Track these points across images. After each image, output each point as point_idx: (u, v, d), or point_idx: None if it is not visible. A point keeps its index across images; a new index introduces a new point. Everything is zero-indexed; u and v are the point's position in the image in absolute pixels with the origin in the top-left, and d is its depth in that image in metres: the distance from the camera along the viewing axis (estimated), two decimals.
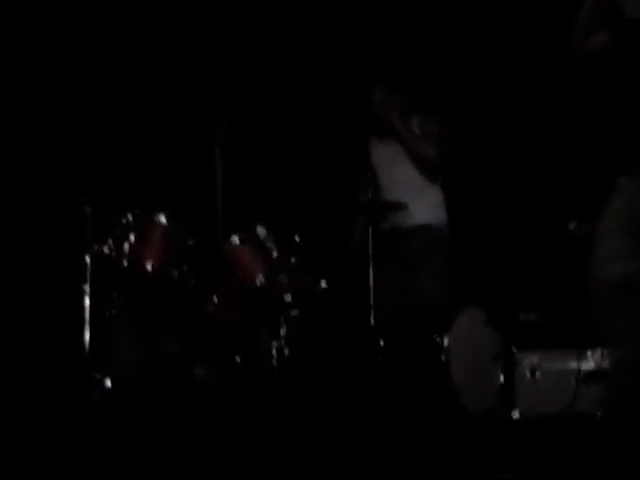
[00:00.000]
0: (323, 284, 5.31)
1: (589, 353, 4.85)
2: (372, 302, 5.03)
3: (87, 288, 5.06)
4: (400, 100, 5.38)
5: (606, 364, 4.74)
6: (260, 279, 5.14)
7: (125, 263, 5.05)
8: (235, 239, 5.28)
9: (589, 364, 4.84)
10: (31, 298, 5.79)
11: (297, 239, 5.33)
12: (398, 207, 5.28)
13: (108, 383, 4.87)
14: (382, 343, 5.04)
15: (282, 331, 5.13)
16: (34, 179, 5.85)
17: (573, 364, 4.84)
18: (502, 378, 4.87)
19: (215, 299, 5.08)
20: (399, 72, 5.45)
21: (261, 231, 5.28)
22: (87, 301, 5.05)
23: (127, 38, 5.82)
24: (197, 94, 5.92)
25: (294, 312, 5.19)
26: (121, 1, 5.71)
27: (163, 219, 5.18)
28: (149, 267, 5.06)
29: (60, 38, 5.74)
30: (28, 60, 5.77)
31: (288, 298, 5.18)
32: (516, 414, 4.77)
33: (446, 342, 4.84)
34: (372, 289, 5.05)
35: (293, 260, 5.28)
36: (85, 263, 5.07)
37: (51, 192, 5.88)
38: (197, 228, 5.29)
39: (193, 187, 5.83)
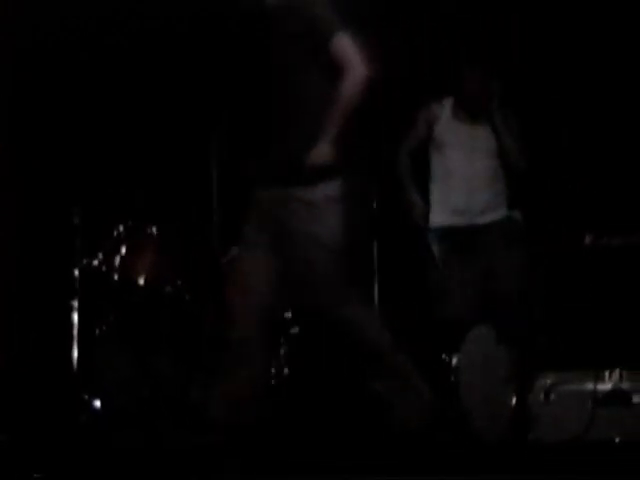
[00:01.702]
0: None
1: (606, 374, 4.72)
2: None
3: (75, 303, 5.03)
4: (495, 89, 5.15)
5: (625, 385, 4.67)
6: None
7: (116, 277, 5.02)
8: (234, 252, 5.13)
9: (606, 385, 4.71)
10: (18, 311, 5.71)
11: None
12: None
13: (97, 404, 4.82)
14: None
15: (282, 350, 5.08)
16: (29, 184, 5.84)
17: (590, 386, 4.69)
18: (514, 401, 4.73)
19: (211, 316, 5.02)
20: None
21: None
22: (75, 317, 5.02)
23: (128, 39, 5.79)
24: (195, 103, 5.86)
25: (294, 330, 5.14)
26: (121, 1, 5.70)
27: (156, 231, 5.15)
28: (141, 281, 5.02)
29: (60, 38, 5.72)
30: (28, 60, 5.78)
31: (288, 315, 5.11)
32: (529, 439, 4.62)
33: (455, 362, 4.76)
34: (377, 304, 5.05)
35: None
36: (74, 276, 5.04)
37: (42, 200, 5.85)
38: (193, 240, 5.24)
39: (189, 197, 5.77)
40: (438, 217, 5.21)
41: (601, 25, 5.66)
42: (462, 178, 5.12)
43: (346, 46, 3.87)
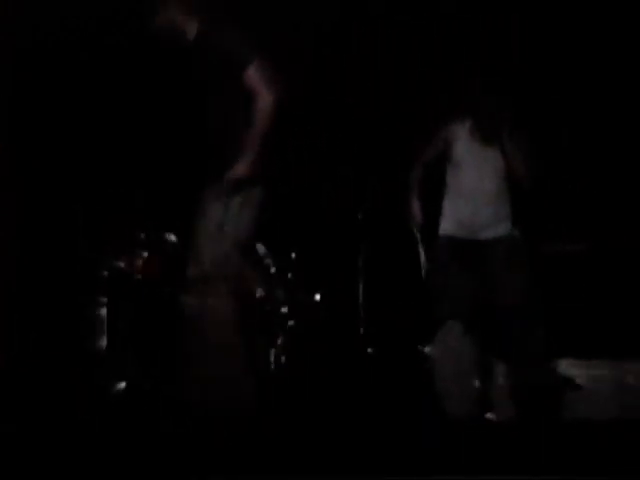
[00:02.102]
0: (317, 297, 5.51)
1: (558, 361, 5.06)
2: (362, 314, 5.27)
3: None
4: (507, 109, 5.10)
5: (575, 372, 5.03)
6: (260, 292, 5.29)
7: (136, 278, 5.16)
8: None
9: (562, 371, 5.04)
10: (16, 310, 5.48)
11: (293, 256, 5.52)
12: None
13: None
14: (370, 351, 5.32)
15: (279, 340, 5.30)
16: (35, 183, 5.67)
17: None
18: (479, 384, 4.99)
19: None
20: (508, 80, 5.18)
21: (260, 249, 5.42)
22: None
23: (127, 38, 5.64)
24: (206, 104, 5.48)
25: (290, 323, 5.37)
26: (121, 1, 5.54)
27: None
28: (157, 282, 5.18)
29: (60, 38, 5.64)
30: (28, 60, 5.63)
31: (285, 310, 5.37)
32: (491, 417, 4.93)
33: (429, 351, 5.02)
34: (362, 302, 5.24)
35: (289, 275, 5.45)
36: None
37: (42, 199, 5.72)
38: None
39: (191, 197, 5.35)
40: (444, 226, 5.21)
41: (611, 57, 5.83)
42: (471, 195, 5.12)
43: (255, 76, 4.17)
